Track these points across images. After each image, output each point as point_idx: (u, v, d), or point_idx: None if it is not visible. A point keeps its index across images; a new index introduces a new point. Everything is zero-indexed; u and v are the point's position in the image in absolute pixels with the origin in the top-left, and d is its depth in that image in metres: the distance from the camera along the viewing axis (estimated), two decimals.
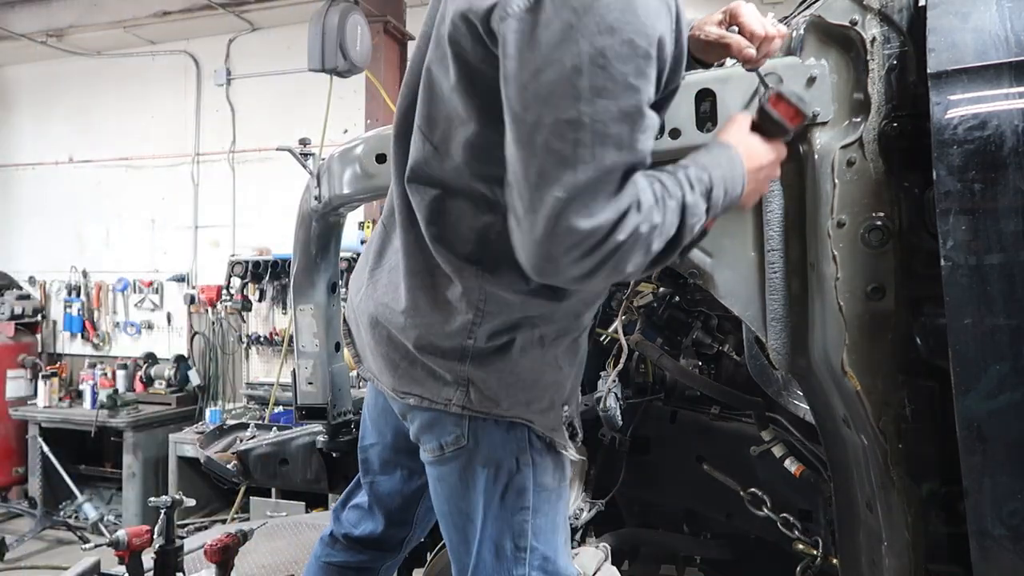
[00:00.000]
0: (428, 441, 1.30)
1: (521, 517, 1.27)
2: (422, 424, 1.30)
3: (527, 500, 1.27)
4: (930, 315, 1.28)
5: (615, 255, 0.99)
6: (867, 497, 1.39)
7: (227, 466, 2.51)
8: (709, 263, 1.44)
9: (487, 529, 1.28)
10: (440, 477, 1.33)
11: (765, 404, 1.87)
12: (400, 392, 1.29)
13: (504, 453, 1.26)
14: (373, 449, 1.60)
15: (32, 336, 6.67)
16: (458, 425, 1.26)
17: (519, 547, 1.28)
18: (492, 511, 1.27)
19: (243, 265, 5.80)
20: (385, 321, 1.29)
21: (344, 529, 1.66)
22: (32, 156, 7.12)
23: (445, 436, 1.27)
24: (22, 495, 6.15)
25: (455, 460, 1.28)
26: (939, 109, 1.19)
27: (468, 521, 1.30)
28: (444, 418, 1.26)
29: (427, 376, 1.25)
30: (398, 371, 1.29)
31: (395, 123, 1.30)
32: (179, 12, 6.11)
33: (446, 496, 1.33)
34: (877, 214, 1.30)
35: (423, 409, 1.28)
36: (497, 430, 1.26)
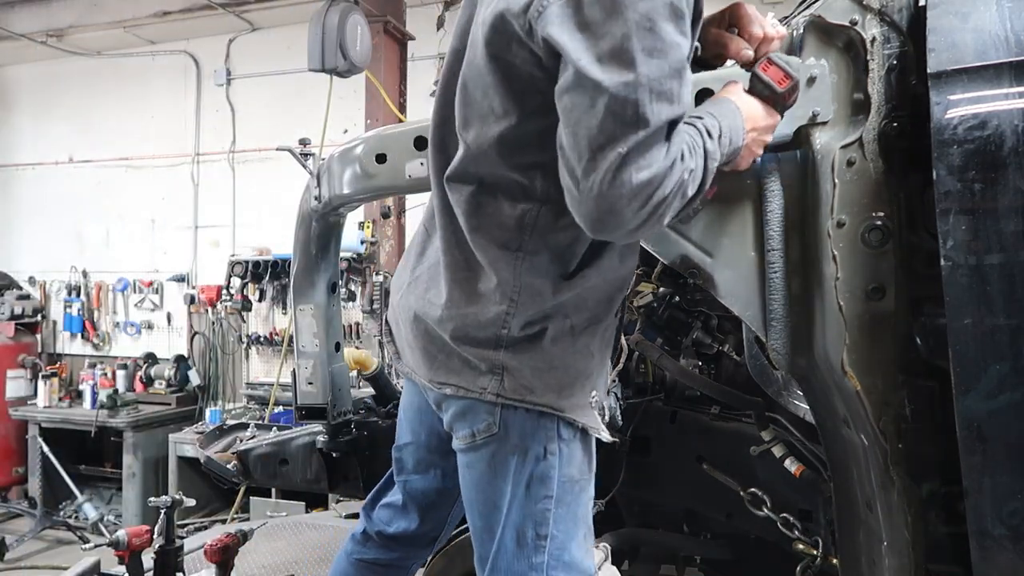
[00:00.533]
0: (460, 429, 1.34)
1: (543, 505, 1.30)
2: (456, 412, 1.34)
3: (551, 489, 1.30)
4: (930, 315, 1.28)
5: (666, 201, 1.06)
6: (867, 497, 1.39)
7: (227, 466, 2.51)
8: (709, 263, 1.44)
9: (511, 516, 1.31)
10: (470, 464, 1.36)
11: (765, 404, 1.87)
12: (436, 383, 1.34)
13: (532, 441, 1.29)
14: (407, 449, 1.63)
15: (32, 336, 6.67)
16: (490, 413, 1.29)
17: (540, 535, 1.31)
18: (517, 498, 1.30)
19: (243, 265, 5.80)
20: (424, 315, 1.34)
21: (377, 527, 1.68)
22: (32, 156, 7.13)
23: (477, 424, 1.31)
24: (22, 495, 6.15)
25: (485, 447, 1.32)
26: (939, 109, 1.19)
27: (494, 508, 1.33)
28: (478, 406, 1.30)
29: (463, 366, 1.30)
30: (435, 363, 1.34)
31: (431, 134, 1.37)
32: (179, 12, 6.11)
33: (474, 483, 1.37)
34: (877, 214, 1.30)
35: (458, 398, 1.32)
36: (528, 418, 1.29)
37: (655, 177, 1.03)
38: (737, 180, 1.43)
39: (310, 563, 2.94)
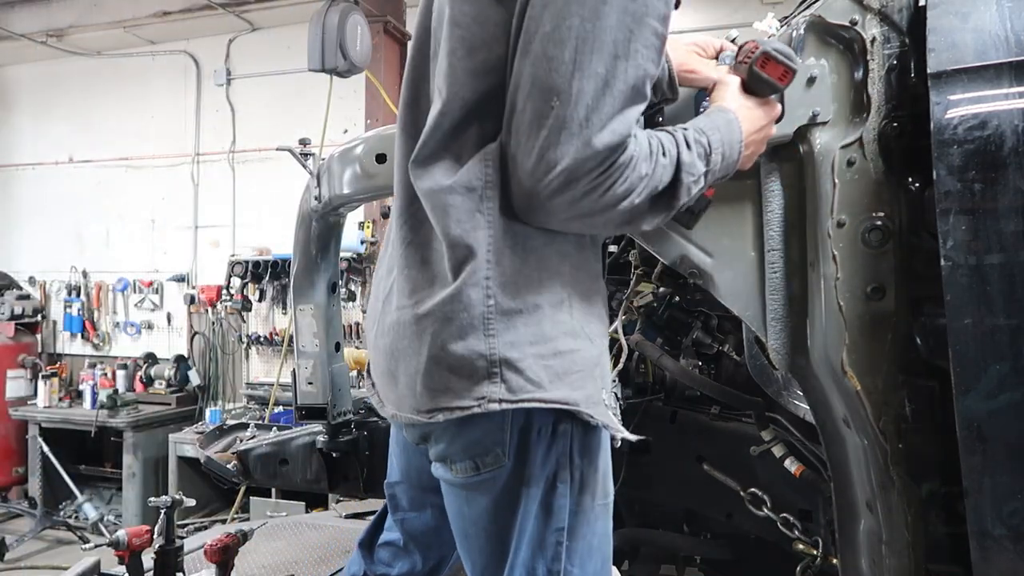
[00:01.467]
0: (460, 460, 1.17)
1: (555, 539, 1.17)
2: (456, 445, 1.16)
3: (562, 520, 1.17)
4: (930, 315, 1.28)
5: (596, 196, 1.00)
6: (867, 497, 1.39)
7: (227, 466, 2.51)
8: (709, 263, 1.44)
9: (520, 553, 1.18)
10: (469, 499, 1.21)
11: (765, 404, 1.87)
12: (426, 412, 1.13)
13: (542, 472, 1.15)
14: (400, 487, 1.52)
15: (32, 336, 6.68)
16: (497, 442, 1.13)
17: (552, 571, 1.18)
18: (527, 533, 1.17)
19: (243, 265, 5.80)
20: (397, 333, 1.17)
21: (380, 569, 1.56)
22: (32, 156, 7.13)
23: (483, 456, 1.14)
24: (22, 495, 6.16)
25: (490, 480, 1.16)
26: (939, 109, 1.19)
27: (499, 543, 1.19)
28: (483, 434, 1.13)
29: (452, 376, 1.09)
30: (417, 388, 1.13)
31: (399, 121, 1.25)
32: (179, 12, 6.11)
33: (474, 518, 1.21)
34: (877, 214, 1.30)
35: (455, 425, 1.13)
36: (540, 443, 1.14)
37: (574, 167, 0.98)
38: (737, 180, 1.43)
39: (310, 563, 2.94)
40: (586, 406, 1.13)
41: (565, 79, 0.98)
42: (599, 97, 0.98)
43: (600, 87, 0.98)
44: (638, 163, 1.01)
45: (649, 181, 1.03)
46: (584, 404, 1.12)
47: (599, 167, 0.99)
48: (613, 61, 0.99)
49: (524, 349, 1.09)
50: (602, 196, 1.01)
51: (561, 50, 0.98)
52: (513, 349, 1.08)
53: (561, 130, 0.98)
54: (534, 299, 1.10)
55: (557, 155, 0.98)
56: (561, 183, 1.00)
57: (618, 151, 0.99)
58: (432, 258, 1.12)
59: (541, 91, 1.00)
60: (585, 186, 1.00)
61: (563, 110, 0.98)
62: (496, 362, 1.08)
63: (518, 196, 1.05)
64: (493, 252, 1.08)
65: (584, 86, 0.98)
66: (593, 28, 0.98)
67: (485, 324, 1.07)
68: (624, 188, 1.01)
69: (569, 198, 1.01)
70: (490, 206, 1.08)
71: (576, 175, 0.99)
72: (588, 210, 1.02)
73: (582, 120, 0.98)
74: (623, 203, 1.02)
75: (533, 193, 1.02)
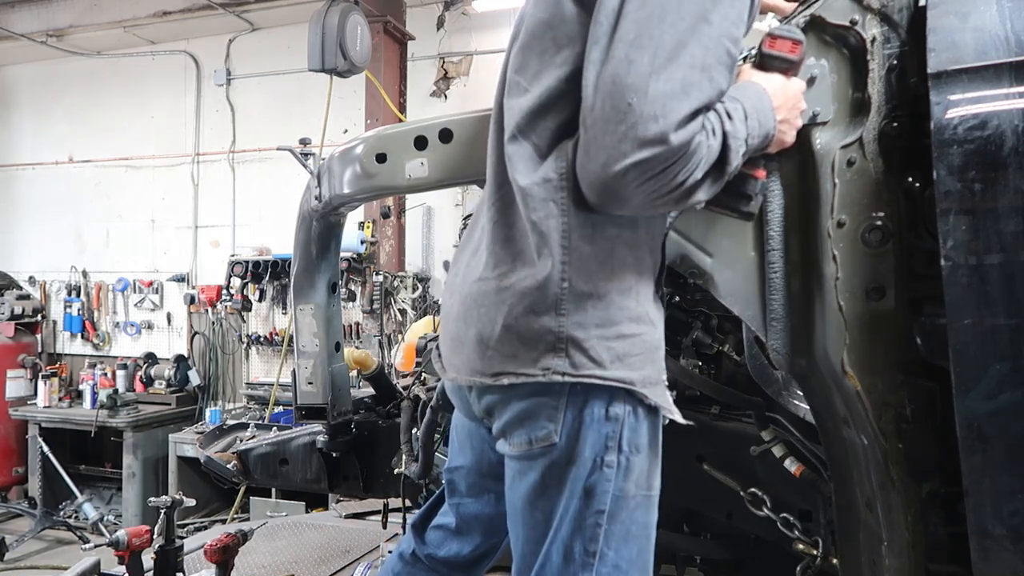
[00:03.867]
0: (517, 435, 1.24)
1: (594, 520, 1.22)
2: (514, 415, 1.23)
3: (604, 503, 1.22)
4: (930, 315, 1.28)
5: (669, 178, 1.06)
6: (867, 497, 1.39)
7: (227, 466, 2.51)
8: (709, 263, 1.44)
9: (561, 530, 1.23)
10: (521, 472, 1.27)
11: (765, 404, 1.87)
12: (491, 375, 1.21)
13: (591, 454, 1.21)
14: (459, 472, 1.56)
15: (32, 336, 6.68)
16: (552, 419, 1.20)
17: (588, 551, 1.23)
18: (569, 512, 1.22)
19: (243, 265, 5.80)
20: (474, 301, 1.25)
21: (428, 550, 1.62)
22: (32, 156, 7.14)
23: (536, 431, 1.21)
24: (22, 495, 6.16)
25: (542, 457, 1.23)
26: (939, 109, 1.19)
27: (543, 520, 1.25)
28: (540, 407, 1.20)
29: (521, 346, 1.18)
30: (487, 351, 1.22)
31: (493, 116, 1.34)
32: (179, 12, 6.11)
33: (523, 493, 1.27)
34: (877, 214, 1.30)
35: (519, 394, 1.21)
36: (591, 427, 1.20)
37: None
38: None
39: (310, 563, 2.94)
40: (642, 386, 1.20)
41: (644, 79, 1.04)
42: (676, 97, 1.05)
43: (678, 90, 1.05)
44: (700, 148, 1.06)
45: (707, 159, 1.08)
46: (640, 384, 1.20)
47: (671, 159, 1.04)
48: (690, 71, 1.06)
49: (590, 331, 1.17)
50: (671, 181, 1.06)
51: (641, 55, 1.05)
52: (580, 329, 1.17)
53: (637, 125, 1.03)
54: (605, 285, 1.18)
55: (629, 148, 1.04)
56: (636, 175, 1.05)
57: (690, 145, 1.05)
58: (516, 237, 1.21)
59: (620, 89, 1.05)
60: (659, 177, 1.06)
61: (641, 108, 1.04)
62: (564, 339, 1.17)
63: (592, 186, 1.11)
64: (568, 239, 1.17)
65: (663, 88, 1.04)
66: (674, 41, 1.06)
67: (558, 304, 1.17)
68: (690, 174, 1.07)
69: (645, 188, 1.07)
70: (563, 196, 1.17)
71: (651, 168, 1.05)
72: (658, 195, 1.08)
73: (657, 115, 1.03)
74: (688, 183, 1.08)
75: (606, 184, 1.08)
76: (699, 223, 1.45)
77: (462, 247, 1.42)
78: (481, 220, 1.33)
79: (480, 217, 1.35)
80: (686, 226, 1.46)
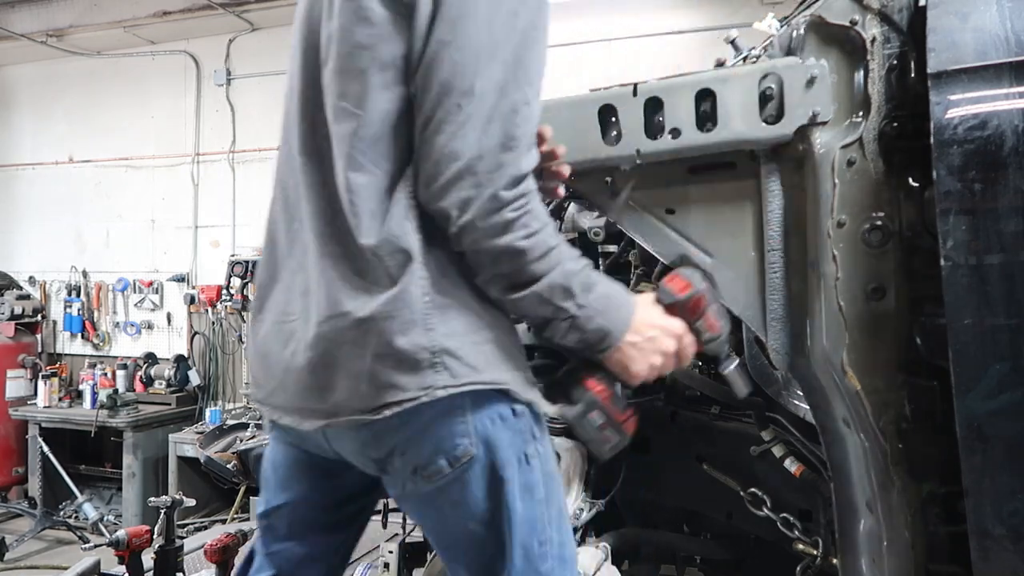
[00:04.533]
0: (432, 464, 1.18)
1: (539, 511, 1.23)
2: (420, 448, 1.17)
3: (540, 493, 1.23)
4: (930, 315, 1.28)
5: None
6: (867, 497, 1.39)
7: (227, 466, 2.51)
8: (709, 263, 1.44)
9: (514, 535, 1.20)
10: (445, 500, 1.21)
11: (765, 404, 1.87)
12: (371, 410, 1.14)
13: (512, 453, 1.20)
14: (280, 512, 1.43)
15: (32, 336, 6.68)
16: (463, 433, 1.16)
17: (541, 542, 1.23)
18: (516, 514, 1.20)
19: (243, 265, 5.80)
20: (331, 342, 1.17)
21: None
22: (32, 156, 7.13)
23: (452, 451, 1.16)
24: (22, 495, 6.15)
25: (465, 473, 1.18)
26: (939, 109, 1.19)
27: (487, 534, 1.21)
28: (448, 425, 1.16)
29: (397, 372, 1.13)
30: (363, 387, 1.15)
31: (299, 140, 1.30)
32: (179, 12, 6.11)
33: (460, 519, 1.21)
34: (877, 214, 1.30)
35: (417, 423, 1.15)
36: (503, 427, 1.18)
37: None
38: (737, 180, 1.43)
39: None
40: (514, 385, 1.20)
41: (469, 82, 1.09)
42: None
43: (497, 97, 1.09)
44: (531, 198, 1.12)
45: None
46: (513, 384, 1.19)
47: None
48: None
49: (461, 338, 1.16)
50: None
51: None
52: (451, 339, 1.15)
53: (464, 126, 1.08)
54: (462, 292, 1.18)
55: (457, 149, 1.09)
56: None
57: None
58: (364, 267, 1.16)
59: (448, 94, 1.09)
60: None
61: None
62: (437, 352, 1.14)
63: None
64: (424, 253, 1.15)
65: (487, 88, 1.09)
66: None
67: (424, 319, 1.14)
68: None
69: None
70: (416, 213, 1.15)
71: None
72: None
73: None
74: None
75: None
76: (699, 223, 1.45)
77: (265, 290, 1.34)
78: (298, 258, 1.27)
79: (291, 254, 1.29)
80: (686, 226, 1.46)
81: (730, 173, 1.43)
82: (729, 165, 1.43)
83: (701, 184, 1.45)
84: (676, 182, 1.46)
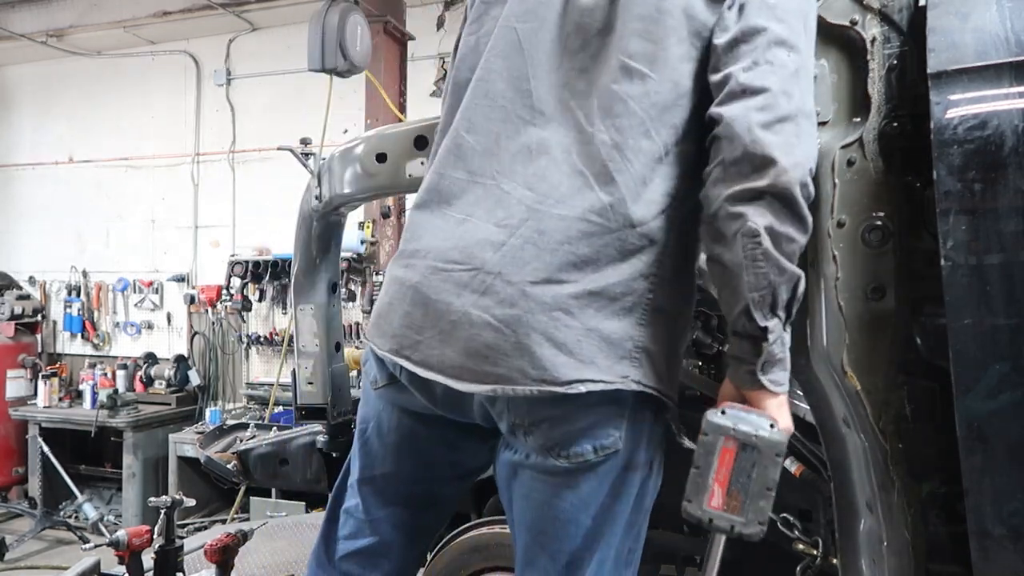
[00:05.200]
0: (578, 445, 1.13)
1: (640, 519, 1.23)
2: (579, 425, 1.12)
3: (649, 502, 1.23)
4: (930, 315, 1.28)
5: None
6: (867, 497, 1.39)
7: (227, 466, 2.51)
8: None
9: (616, 535, 1.19)
10: (570, 482, 1.16)
11: None
12: (565, 383, 1.08)
13: (646, 457, 1.18)
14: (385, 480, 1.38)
15: (32, 336, 6.67)
16: (619, 426, 1.14)
17: (632, 549, 1.23)
18: (625, 515, 1.19)
19: (243, 265, 5.80)
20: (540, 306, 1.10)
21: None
22: (32, 156, 7.13)
23: (603, 439, 1.13)
24: (22, 495, 6.15)
25: (601, 465, 1.15)
26: (939, 109, 1.19)
27: (593, 528, 1.18)
28: (609, 414, 1.13)
29: (600, 352, 1.10)
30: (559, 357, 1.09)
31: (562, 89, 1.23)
32: (179, 12, 6.11)
33: (573, 503, 1.17)
34: (877, 214, 1.30)
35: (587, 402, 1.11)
36: (649, 426, 1.17)
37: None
38: None
39: None
40: (672, 399, 1.21)
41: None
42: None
43: None
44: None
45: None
46: (671, 398, 1.21)
47: None
48: None
49: (660, 345, 1.15)
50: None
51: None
52: (654, 342, 1.15)
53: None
54: (677, 304, 1.19)
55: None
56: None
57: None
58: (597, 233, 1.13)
59: None
60: None
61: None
62: (640, 348, 1.13)
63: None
64: (666, 251, 1.15)
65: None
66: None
67: (641, 313, 1.13)
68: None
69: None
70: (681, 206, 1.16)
71: None
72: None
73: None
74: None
75: None
76: None
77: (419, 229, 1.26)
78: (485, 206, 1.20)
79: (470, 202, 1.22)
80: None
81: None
82: None
83: None
84: None
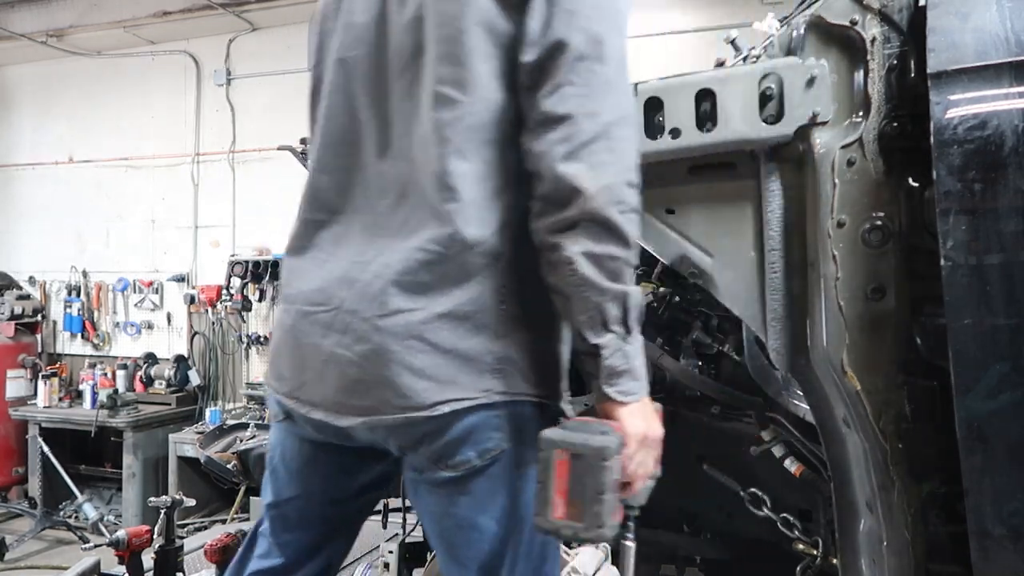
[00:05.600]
0: (460, 454, 1.16)
1: None
2: (455, 436, 1.15)
3: None
4: (930, 315, 1.28)
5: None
6: (867, 497, 1.39)
7: (227, 466, 2.51)
8: (709, 263, 1.44)
9: (523, 534, 1.21)
10: (463, 490, 1.19)
11: (765, 404, 1.87)
12: (428, 406, 1.13)
13: (534, 451, 1.16)
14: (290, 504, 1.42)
15: (32, 336, 6.67)
16: (498, 428, 1.16)
17: (544, 543, 1.25)
18: (529, 514, 1.18)
19: (243, 265, 5.80)
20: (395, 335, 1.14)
21: None
22: (32, 156, 7.12)
23: (484, 443, 1.16)
24: (22, 495, 6.15)
25: (490, 467, 1.18)
26: (939, 109, 1.19)
27: (498, 533, 1.20)
28: (486, 420, 1.16)
29: (461, 372, 1.13)
30: (421, 383, 1.13)
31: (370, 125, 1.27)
32: (179, 12, 6.11)
33: (472, 508, 1.20)
34: (877, 214, 1.30)
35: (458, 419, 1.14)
36: (535, 424, 1.18)
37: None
38: (737, 180, 1.43)
39: None
40: (554, 398, 1.23)
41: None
42: None
43: None
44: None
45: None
46: (553, 396, 1.23)
47: None
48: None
49: (525, 350, 1.17)
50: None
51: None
52: (518, 349, 1.17)
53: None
54: (535, 306, 1.18)
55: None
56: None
57: None
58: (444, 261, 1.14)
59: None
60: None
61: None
62: (501, 359, 1.15)
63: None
64: (511, 261, 1.16)
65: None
66: None
67: (496, 325, 1.15)
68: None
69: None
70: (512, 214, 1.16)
71: None
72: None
73: None
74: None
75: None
76: (699, 223, 1.45)
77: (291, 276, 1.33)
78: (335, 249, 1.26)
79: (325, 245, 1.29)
80: (686, 226, 1.46)
81: (730, 173, 1.43)
82: (729, 165, 1.43)
83: (701, 184, 1.46)
84: (676, 182, 1.46)
